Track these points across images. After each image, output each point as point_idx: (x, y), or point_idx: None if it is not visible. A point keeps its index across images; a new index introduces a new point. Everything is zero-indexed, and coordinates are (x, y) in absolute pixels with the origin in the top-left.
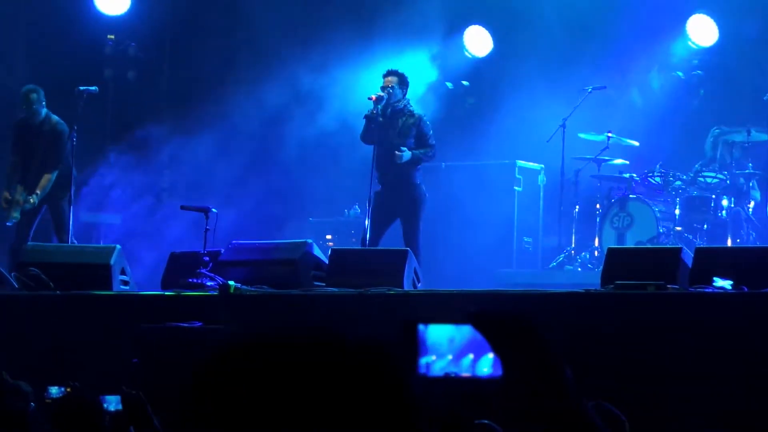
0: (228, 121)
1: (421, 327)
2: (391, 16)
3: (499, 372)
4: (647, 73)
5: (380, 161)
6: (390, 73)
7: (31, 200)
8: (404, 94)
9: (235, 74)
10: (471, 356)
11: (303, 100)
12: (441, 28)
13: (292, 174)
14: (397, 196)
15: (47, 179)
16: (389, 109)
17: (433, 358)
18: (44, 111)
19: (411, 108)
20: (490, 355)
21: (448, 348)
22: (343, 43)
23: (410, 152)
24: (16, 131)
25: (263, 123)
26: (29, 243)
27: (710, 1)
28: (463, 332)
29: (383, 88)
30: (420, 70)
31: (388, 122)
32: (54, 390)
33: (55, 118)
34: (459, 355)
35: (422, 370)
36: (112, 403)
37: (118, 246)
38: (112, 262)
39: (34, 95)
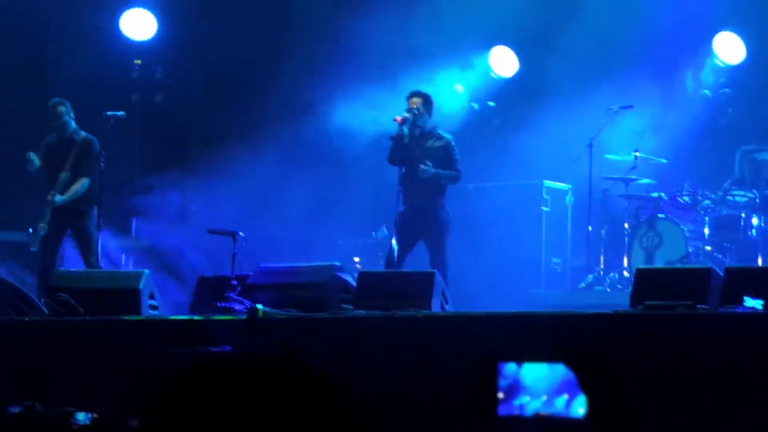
0: (254, 145)
1: (512, 366)
2: (417, 38)
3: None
4: (674, 92)
5: (406, 183)
6: (414, 94)
7: (55, 199)
8: (430, 115)
9: (262, 98)
10: (566, 396)
11: (330, 123)
12: (467, 49)
13: (320, 196)
14: (422, 217)
15: (81, 183)
16: (417, 131)
17: (528, 399)
18: (73, 123)
19: (439, 131)
20: (582, 396)
21: (542, 388)
22: (367, 64)
23: (435, 169)
24: (44, 150)
25: (291, 146)
26: (58, 269)
27: (737, 19)
28: (557, 372)
29: (408, 110)
30: (446, 91)
31: (416, 144)
32: (81, 416)
33: (84, 132)
34: (553, 395)
35: (515, 411)
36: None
37: (147, 271)
38: (140, 286)
39: (62, 107)
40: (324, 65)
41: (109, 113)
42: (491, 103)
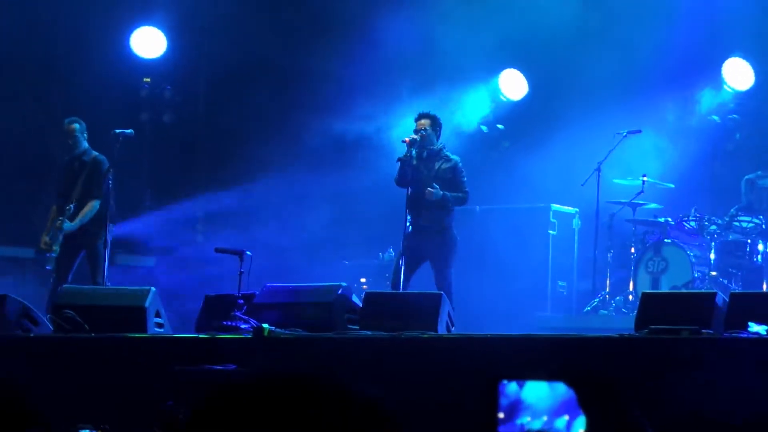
0: (263, 165)
1: (514, 385)
2: (426, 62)
3: None
4: (682, 117)
5: (413, 204)
6: (422, 116)
7: (64, 226)
8: (438, 137)
9: (271, 119)
10: (566, 417)
11: (338, 145)
12: (476, 72)
13: (327, 217)
14: (428, 239)
15: (90, 206)
16: (425, 153)
17: (528, 419)
18: (85, 143)
19: (447, 153)
20: (583, 417)
21: (543, 408)
22: (375, 88)
23: (442, 192)
24: (60, 171)
25: (298, 167)
26: (64, 285)
27: (746, 45)
28: (558, 391)
29: (416, 131)
30: (455, 113)
31: (424, 165)
32: None
33: (95, 152)
34: (554, 416)
35: (516, 431)
36: None
37: (153, 288)
38: (146, 304)
39: (76, 125)
40: (333, 83)
41: (117, 131)
42: (500, 126)
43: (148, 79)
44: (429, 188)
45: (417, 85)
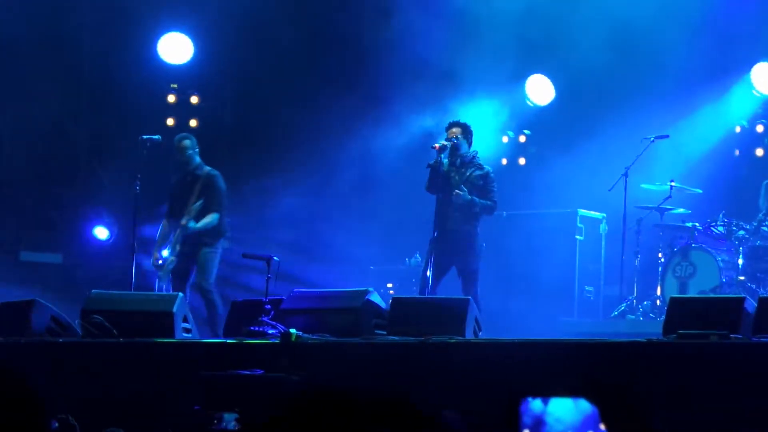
0: (288, 169)
1: (538, 402)
2: (454, 65)
3: None
4: (711, 122)
5: (442, 209)
6: (454, 124)
7: (189, 225)
8: (470, 145)
9: (296, 123)
10: None
11: (364, 150)
12: (504, 78)
13: (354, 222)
14: (456, 244)
15: (212, 217)
16: (458, 160)
17: None
18: (197, 158)
19: (479, 161)
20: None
21: (568, 425)
22: (402, 93)
23: (469, 196)
24: (172, 188)
25: (325, 172)
26: (93, 290)
27: None
28: (582, 408)
29: (448, 139)
30: (483, 119)
31: (455, 172)
32: None
33: (207, 167)
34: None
35: None
36: None
37: (181, 294)
38: (174, 309)
39: (187, 141)
40: (359, 90)
41: (145, 137)
42: (527, 132)
43: (176, 85)
44: (458, 191)
45: (445, 93)
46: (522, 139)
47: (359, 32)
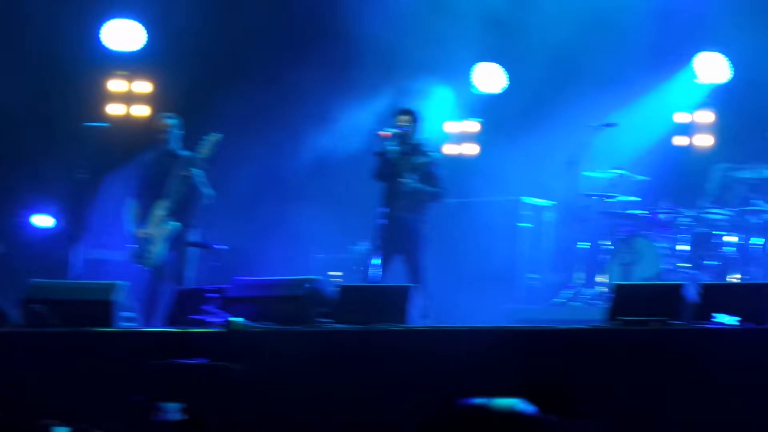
0: (234, 158)
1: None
2: (401, 54)
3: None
4: (655, 110)
5: (389, 197)
6: (403, 111)
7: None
8: (418, 133)
9: (243, 113)
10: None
11: (309, 136)
12: (451, 66)
13: (299, 210)
14: (402, 231)
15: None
16: (404, 147)
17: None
18: (177, 142)
19: (426, 149)
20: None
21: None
22: (349, 81)
23: (415, 184)
24: (147, 169)
25: (269, 159)
26: (33, 279)
27: (721, 38)
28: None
29: (396, 127)
30: (431, 107)
31: (403, 160)
32: (59, 431)
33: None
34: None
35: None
36: None
37: (122, 282)
38: (115, 298)
39: (171, 120)
40: (310, 83)
41: (90, 124)
42: (477, 120)
43: (123, 72)
44: (402, 179)
45: (393, 80)
46: (472, 127)
47: (308, 22)
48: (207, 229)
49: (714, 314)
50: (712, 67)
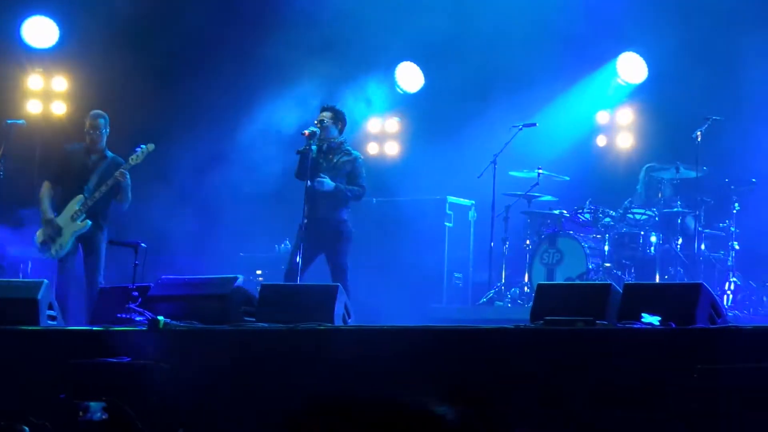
0: (157, 156)
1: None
2: (324, 52)
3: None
4: (576, 110)
5: (310, 197)
6: (325, 108)
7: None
8: (341, 131)
9: (168, 108)
10: None
11: (234, 135)
12: (373, 64)
13: (223, 209)
14: (324, 230)
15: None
16: (325, 145)
17: None
18: (105, 140)
19: (348, 147)
20: None
21: None
22: (273, 80)
23: (333, 183)
24: (68, 158)
25: (193, 158)
26: None
27: (639, 40)
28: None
29: (316, 123)
30: (352, 105)
31: (323, 158)
32: None
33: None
34: None
35: None
36: None
37: (46, 281)
38: (39, 296)
39: (102, 120)
40: (232, 76)
41: (9, 121)
42: (396, 118)
43: (40, 69)
44: (318, 178)
45: (317, 76)
46: (394, 125)
47: (235, 4)
48: (128, 228)
49: (642, 315)
50: (633, 67)
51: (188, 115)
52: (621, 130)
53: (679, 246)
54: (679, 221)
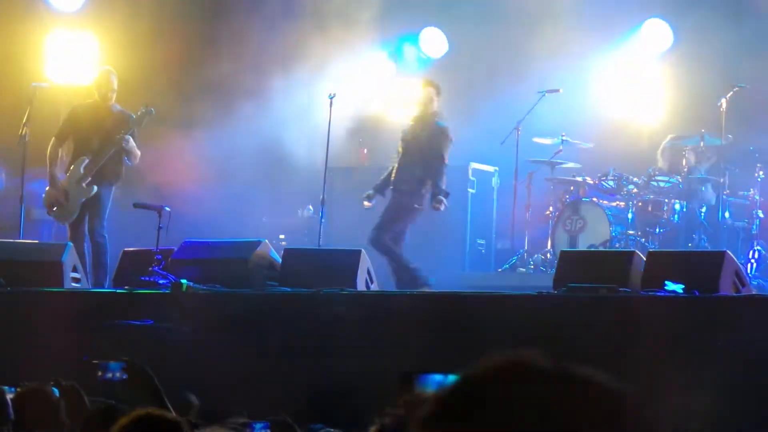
0: (182, 122)
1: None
2: (347, 17)
3: None
4: (600, 77)
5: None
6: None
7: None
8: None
9: (193, 71)
10: None
11: (256, 102)
12: (397, 30)
13: (247, 174)
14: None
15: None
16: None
17: None
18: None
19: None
20: None
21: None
22: (296, 46)
23: None
24: (77, 117)
25: (217, 124)
26: None
27: (666, 6)
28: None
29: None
30: (377, 71)
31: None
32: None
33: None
34: None
35: None
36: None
37: (70, 243)
38: (63, 259)
39: (112, 77)
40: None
41: (34, 84)
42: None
43: (64, 31)
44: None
45: (336, 44)
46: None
47: None
48: (156, 191)
49: (665, 282)
50: (659, 34)
51: (216, 79)
52: (645, 98)
53: (702, 214)
54: (702, 189)
